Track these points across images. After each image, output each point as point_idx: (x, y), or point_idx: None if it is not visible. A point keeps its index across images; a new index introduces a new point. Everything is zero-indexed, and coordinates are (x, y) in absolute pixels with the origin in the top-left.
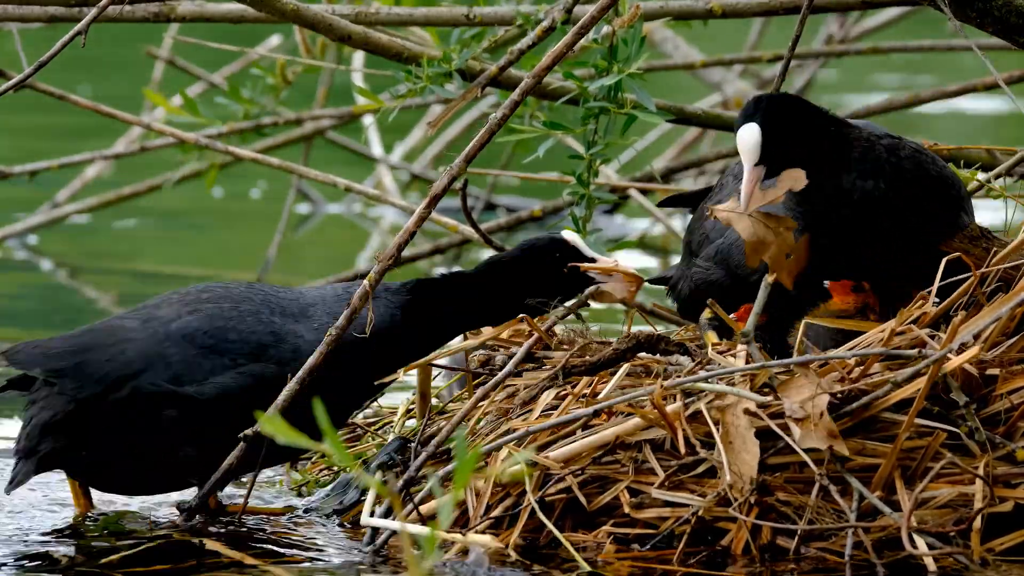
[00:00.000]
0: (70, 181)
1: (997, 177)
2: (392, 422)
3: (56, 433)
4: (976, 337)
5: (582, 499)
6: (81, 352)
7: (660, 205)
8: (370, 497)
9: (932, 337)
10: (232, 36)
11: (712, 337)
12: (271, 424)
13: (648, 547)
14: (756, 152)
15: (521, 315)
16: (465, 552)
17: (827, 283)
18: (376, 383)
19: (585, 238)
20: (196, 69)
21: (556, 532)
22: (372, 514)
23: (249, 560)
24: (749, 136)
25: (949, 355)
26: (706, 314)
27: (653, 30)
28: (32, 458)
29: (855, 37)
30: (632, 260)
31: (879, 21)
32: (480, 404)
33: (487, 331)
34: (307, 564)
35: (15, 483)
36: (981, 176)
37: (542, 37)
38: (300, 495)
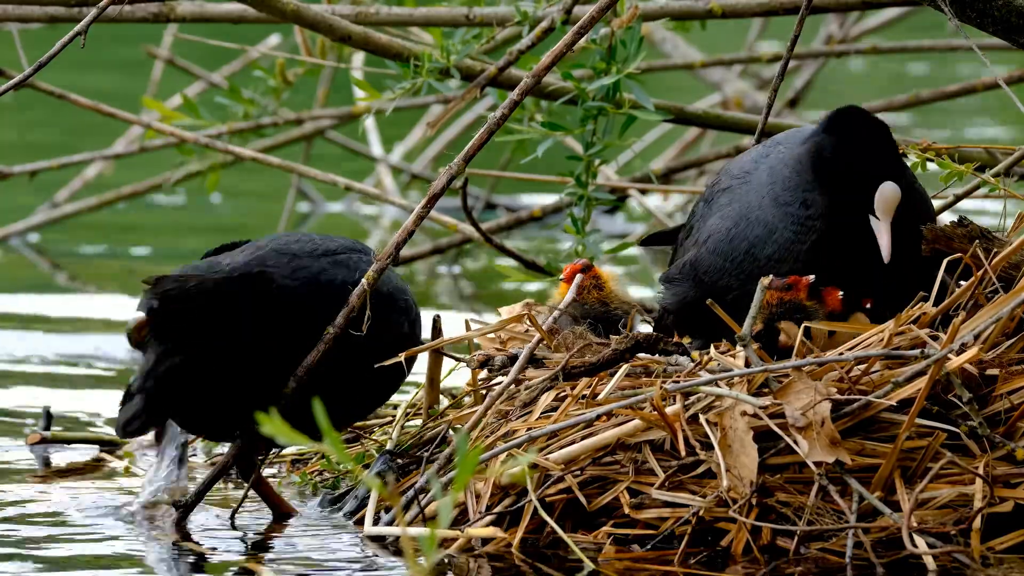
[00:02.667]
0: (70, 180)
1: (996, 176)
2: (394, 417)
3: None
4: (976, 337)
5: (582, 499)
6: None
7: (642, 244)
8: (371, 506)
9: (933, 338)
10: (232, 35)
11: (697, 356)
12: (271, 423)
13: (648, 548)
14: (894, 209)
15: (522, 317)
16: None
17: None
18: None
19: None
20: (196, 68)
21: (559, 531)
22: (376, 522)
23: (255, 566)
24: (893, 196)
25: (949, 355)
26: (685, 340)
27: (653, 30)
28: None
29: (855, 37)
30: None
31: (879, 21)
32: (487, 411)
33: (494, 323)
34: (311, 569)
35: (130, 424)
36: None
37: (541, 37)
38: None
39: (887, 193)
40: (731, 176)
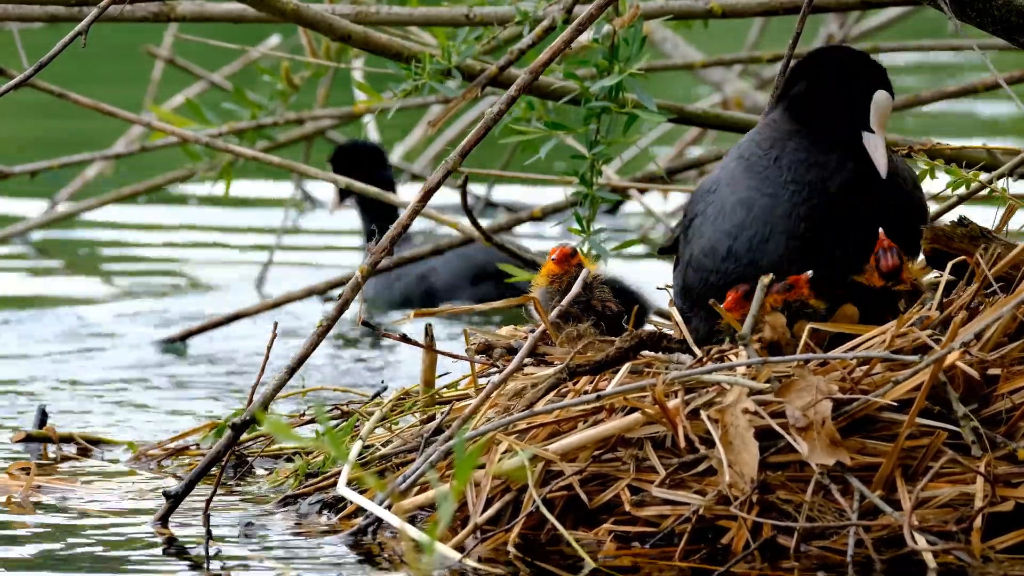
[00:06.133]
0: (72, 180)
1: (999, 178)
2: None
3: None
4: (978, 337)
5: (583, 496)
6: None
7: (662, 253)
8: (346, 468)
9: (934, 340)
10: (233, 34)
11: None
12: (265, 420)
13: (649, 545)
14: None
15: (529, 299)
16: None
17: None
18: None
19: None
20: (196, 69)
21: (561, 528)
22: (375, 502)
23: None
24: (886, 103)
25: (949, 356)
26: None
27: (653, 30)
28: None
29: (855, 37)
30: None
31: (879, 21)
32: (488, 398)
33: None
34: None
35: None
36: (983, 177)
37: (542, 36)
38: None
39: (881, 100)
40: (701, 197)
